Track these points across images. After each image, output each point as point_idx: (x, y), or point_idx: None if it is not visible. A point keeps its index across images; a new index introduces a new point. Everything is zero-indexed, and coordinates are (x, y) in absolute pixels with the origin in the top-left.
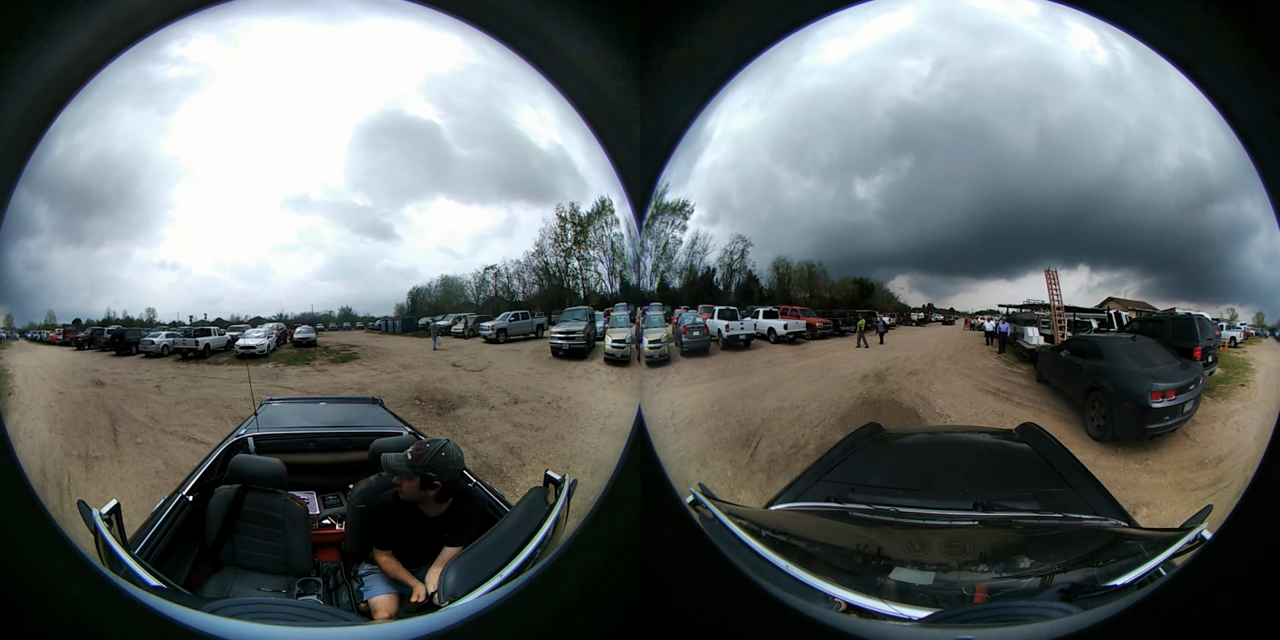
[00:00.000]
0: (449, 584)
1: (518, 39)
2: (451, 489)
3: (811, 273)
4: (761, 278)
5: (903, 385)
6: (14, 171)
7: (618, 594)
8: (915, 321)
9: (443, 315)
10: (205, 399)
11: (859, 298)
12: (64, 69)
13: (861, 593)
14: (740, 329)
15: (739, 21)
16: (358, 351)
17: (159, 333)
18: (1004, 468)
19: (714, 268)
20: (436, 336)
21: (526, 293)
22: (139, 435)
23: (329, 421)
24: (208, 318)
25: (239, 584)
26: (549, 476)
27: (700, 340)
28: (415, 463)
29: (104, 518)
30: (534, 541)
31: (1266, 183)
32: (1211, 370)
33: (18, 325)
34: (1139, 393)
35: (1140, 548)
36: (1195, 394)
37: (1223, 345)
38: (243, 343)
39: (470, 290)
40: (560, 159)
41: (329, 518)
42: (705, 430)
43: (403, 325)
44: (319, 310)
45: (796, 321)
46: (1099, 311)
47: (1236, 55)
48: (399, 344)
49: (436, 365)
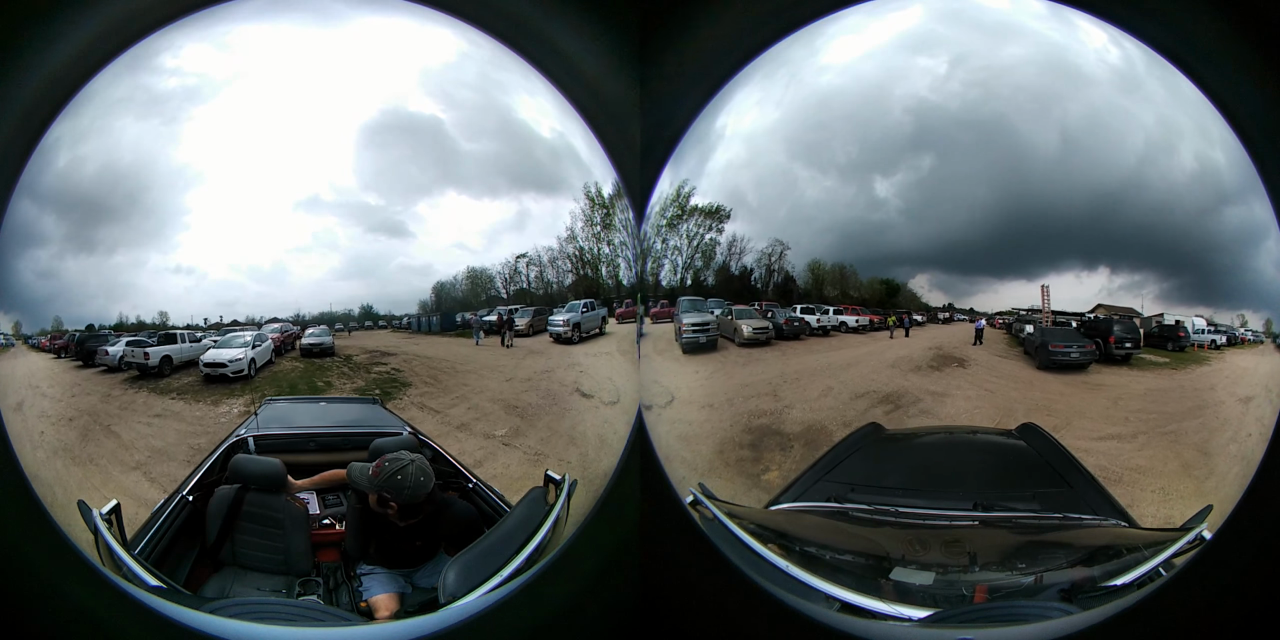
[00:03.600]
0: (449, 584)
1: (517, 38)
2: (415, 510)
3: (843, 273)
4: (798, 277)
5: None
6: (8, 183)
7: (618, 594)
8: (941, 320)
9: (488, 309)
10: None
11: (886, 297)
12: (47, 85)
13: (861, 593)
14: (824, 320)
15: (739, 20)
16: (399, 368)
17: (118, 340)
18: (1004, 468)
19: (751, 267)
20: (478, 333)
21: (560, 282)
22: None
23: (329, 421)
24: (223, 320)
25: (239, 584)
26: (549, 476)
27: (696, 338)
28: (372, 480)
29: (104, 518)
30: (534, 541)
31: (1269, 186)
32: (1129, 354)
33: (27, 331)
34: (1044, 344)
35: (1140, 548)
36: (1081, 347)
37: (1199, 346)
38: (209, 358)
39: (500, 283)
40: (564, 147)
41: (329, 518)
42: (822, 384)
43: (442, 323)
44: (337, 309)
45: (862, 317)
46: (1080, 315)
47: (1236, 56)
48: (449, 349)
49: (558, 400)
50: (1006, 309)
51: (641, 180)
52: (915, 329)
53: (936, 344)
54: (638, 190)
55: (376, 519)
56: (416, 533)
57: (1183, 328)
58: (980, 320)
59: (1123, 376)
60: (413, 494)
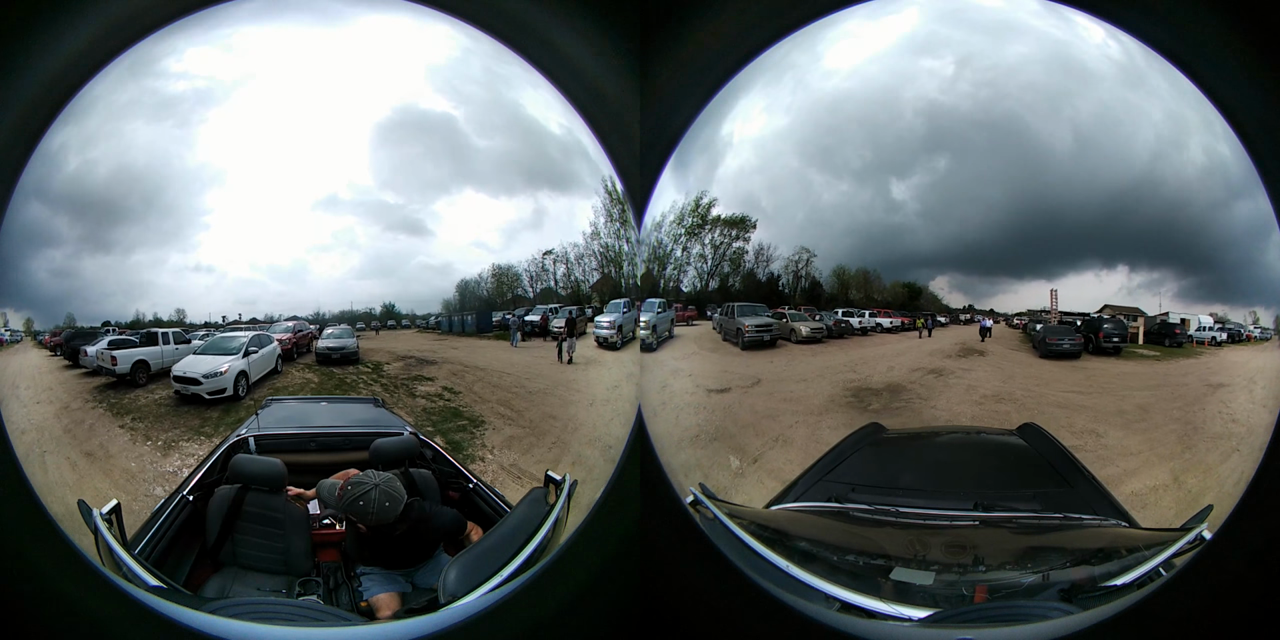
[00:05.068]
0: (449, 584)
1: (517, 38)
2: (390, 529)
3: (866, 277)
4: (824, 283)
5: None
6: (8, 184)
7: (618, 594)
8: (963, 321)
9: (526, 308)
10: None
11: (908, 299)
12: (46, 87)
13: (861, 593)
14: (864, 323)
15: (739, 20)
16: (452, 388)
17: (102, 338)
18: (1004, 468)
19: (779, 274)
20: (516, 333)
21: (586, 279)
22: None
23: (329, 421)
24: (241, 318)
25: (239, 584)
26: (549, 476)
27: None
28: (337, 502)
29: (104, 518)
30: (534, 542)
31: (1267, 181)
32: (1117, 346)
33: (40, 328)
34: (1043, 338)
35: (1140, 548)
36: (1072, 340)
37: (1201, 342)
38: (181, 370)
39: (526, 280)
40: (574, 143)
41: (329, 518)
42: (885, 365)
43: (478, 322)
44: (358, 308)
45: (895, 319)
46: (1085, 314)
47: (1236, 54)
48: (494, 356)
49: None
50: (1022, 310)
51: (641, 180)
52: (938, 329)
53: (961, 340)
54: (638, 190)
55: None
56: (403, 543)
57: (1180, 325)
58: (986, 320)
59: (1106, 363)
60: (378, 518)
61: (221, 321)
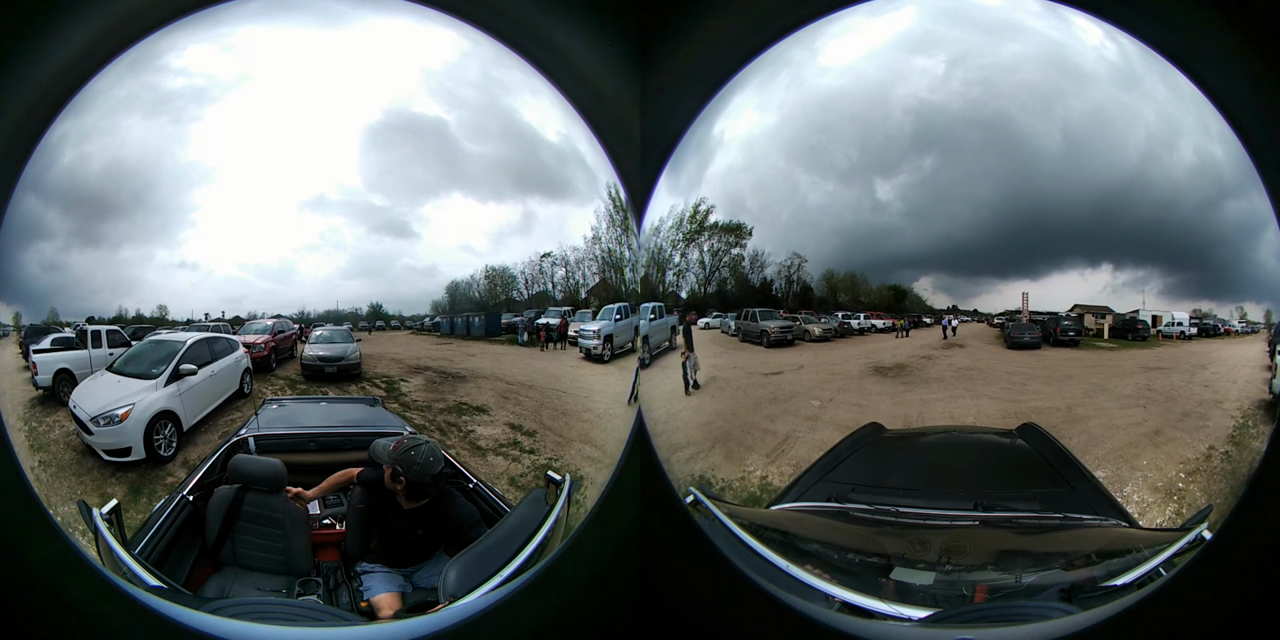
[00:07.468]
0: (449, 584)
1: (517, 39)
2: (421, 491)
3: (854, 281)
4: (814, 286)
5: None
6: (10, 179)
7: (618, 594)
8: (932, 324)
9: (534, 310)
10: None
11: (894, 301)
12: (49, 82)
13: (861, 593)
14: (861, 324)
15: (739, 20)
16: (515, 420)
17: (45, 337)
18: (1004, 468)
19: (772, 279)
20: (522, 334)
21: (585, 284)
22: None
23: (329, 421)
24: (225, 315)
25: (239, 584)
26: (549, 476)
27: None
28: (392, 453)
29: (104, 518)
30: (534, 541)
31: (1266, 180)
32: (1074, 339)
33: (28, 323)
34: (1009, 333)
35: (1140, 548)
36: (1032, 333)
37: (1167, 336)
38: (75, 400)
39: (522, 283)
40: (569, 150)
41: (329, 518)
42: (890, 353)
43: (486, 324)
44: (344, 307)
45: (886, 321)
46: (1053, 314)
47: (1236, 54)
48: (529, 365)
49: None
50: (999, 311)
51: (641, 181)
52: (920, 330)
53: (942, 339)
54: (638, 191)
55: (379, 511)
56: (418, 519)
57: (1141, 321)
58: (951, 320)
59: (1060, 352)
60: (420, 471)
61: (204, 319)
